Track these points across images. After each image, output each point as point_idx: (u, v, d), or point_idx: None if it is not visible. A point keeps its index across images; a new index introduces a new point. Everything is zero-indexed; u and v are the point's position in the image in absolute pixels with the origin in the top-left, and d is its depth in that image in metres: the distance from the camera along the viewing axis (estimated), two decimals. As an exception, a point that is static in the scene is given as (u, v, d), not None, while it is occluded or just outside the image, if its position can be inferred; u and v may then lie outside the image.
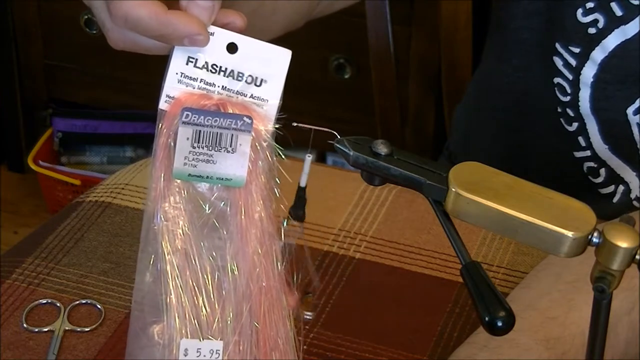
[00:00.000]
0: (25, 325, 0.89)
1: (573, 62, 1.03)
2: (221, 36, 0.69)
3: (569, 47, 1.03)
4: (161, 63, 0.68)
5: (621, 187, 1.07)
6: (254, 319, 0.67)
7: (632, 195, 1.07)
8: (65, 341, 0.88)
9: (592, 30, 1.01)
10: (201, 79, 0.69)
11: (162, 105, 0.68)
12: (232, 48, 0.69)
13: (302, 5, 0.97)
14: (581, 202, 0.62)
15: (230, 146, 0.67)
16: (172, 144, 0.66)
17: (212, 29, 0.69)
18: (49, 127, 2.36)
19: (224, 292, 0.67)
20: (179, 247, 0.66)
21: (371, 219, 1.02)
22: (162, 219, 0.66)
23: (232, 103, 0.68)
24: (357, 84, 2.06)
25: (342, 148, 0.67)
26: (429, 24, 1.94)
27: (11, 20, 2.31)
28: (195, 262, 0.67)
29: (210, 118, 0.67)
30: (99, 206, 1.04)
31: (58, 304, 0.91)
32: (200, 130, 0.67)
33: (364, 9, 1.41)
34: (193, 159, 0.67)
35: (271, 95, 0.70)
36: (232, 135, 0.67)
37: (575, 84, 1.04)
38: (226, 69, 0.69)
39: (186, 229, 0.66)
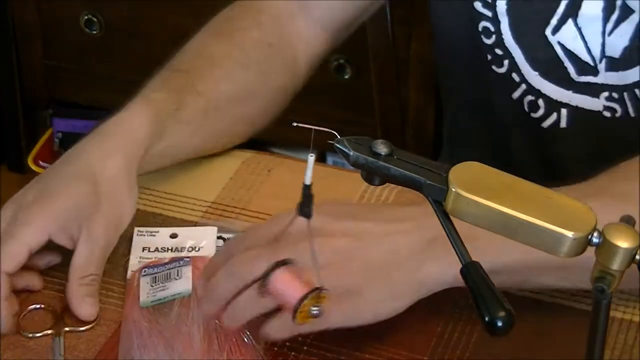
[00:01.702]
0: (24, 333, 0.89)
1: None
2: (164, 232, 0.98)
3: None
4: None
5: (564, 111, 1.08)
6: None
7: (599, 107, 1.07)
8: (65, 341, 0.88)
9: None
10: (154, 257, 0.95)
11: (129, 275, 0.93)
12: (174, 235, 0.97)
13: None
14: (581, 202, 0.63)
15: (177, 276, 0.91)
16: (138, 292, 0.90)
17: (158, 229, 0.98)
18: (49, 128, 2.36)
19: None
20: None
21: (371, 219, 1.02)
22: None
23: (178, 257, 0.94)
24: (357, 84, 2.06)
25: (342, 148, 0.67)
26: (429, 24, 1.93)
27: (11, 20, 2.31)
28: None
29: (162, 267, 0.92)
30: (99, 206, 1.04)
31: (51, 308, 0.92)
32: (155, 276, 0.91)
33: (364, 9, 1.41)
34: (153, 293, 0.90)
35: (207, 252, 0.95)
36: (177, 270, 0.91)
37: (496, 19, 1.06)
38: (171, 247, 0.96)
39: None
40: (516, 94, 1.10)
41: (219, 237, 0.98)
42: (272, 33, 1.09)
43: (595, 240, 0.60)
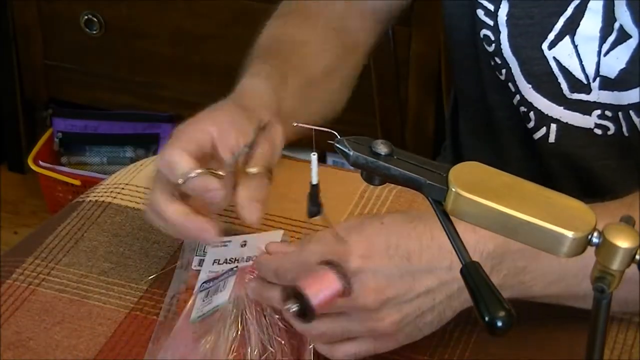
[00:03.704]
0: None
1: (491, 6, 1.06)
2: (235, 240, 0.95)
3: None
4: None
5: (553, 126, 1.09)
6: None
7: (591, 124, 1.08)
8: (66, 341, 0.88)
9: None
10: (222, 270, 0.92)
11: (195, 290, 0.91)
12: (244, 244, 0.94)
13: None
14: (580, 202, 0.63)
15: (223, 288, 0.88)
16: (192, 302, 0.90)
17: (230, 238, 0.94)
18: (49, 128, 2.36)
19: None
20: None
21: (371, 219, 1.02)
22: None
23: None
24: (357, 84, 2.06)
25: (342, 148, 0.67)
26: (429, 24, 1.94)
27: (11, 20, 2.31)
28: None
29: (216, 280, 0.90)
30: (99, 206, 1.04)
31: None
32: (208, 290, 0.89)
33: (364, 9, 1.41)
34: (201, 308, 0.88)
35: None
36: (224, 281, 0.89)
37: (496, 29, 1.07)
38: (238, 258, 0.93)
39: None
40: (514, 102, 1.11)
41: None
42: (334, 19, 1.16)
43: (595, 240, 0.60)
